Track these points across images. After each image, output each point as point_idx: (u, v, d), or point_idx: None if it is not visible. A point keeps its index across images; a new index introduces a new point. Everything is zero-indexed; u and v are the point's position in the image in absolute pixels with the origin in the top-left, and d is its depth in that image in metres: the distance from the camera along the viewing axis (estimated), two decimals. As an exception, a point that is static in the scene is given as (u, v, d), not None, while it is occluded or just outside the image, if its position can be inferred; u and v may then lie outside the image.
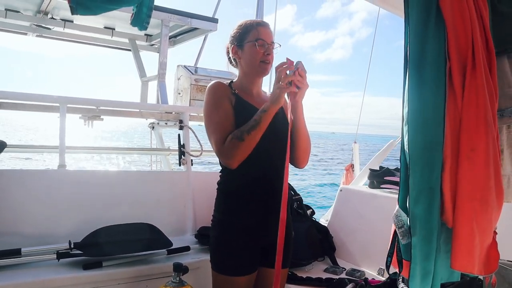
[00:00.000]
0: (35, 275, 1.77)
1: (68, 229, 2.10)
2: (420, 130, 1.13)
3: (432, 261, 1.13)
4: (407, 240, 1.17)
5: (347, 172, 4.19)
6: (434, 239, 1.12)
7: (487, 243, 1.17)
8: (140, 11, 1.52)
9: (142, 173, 2.76)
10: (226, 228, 1.58)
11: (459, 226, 1.10)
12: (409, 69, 1.15)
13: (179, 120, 2.84)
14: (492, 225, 1.17)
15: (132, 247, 2.02)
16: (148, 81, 3.96)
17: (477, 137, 1.09)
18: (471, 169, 1.09)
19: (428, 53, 1.12)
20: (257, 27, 1.58)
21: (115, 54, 61.27)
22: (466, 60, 1.11)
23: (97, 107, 2.68)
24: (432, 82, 1.12)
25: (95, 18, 3.58)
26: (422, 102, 1.13)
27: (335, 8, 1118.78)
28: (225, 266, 1.56)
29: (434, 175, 1.11)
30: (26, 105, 2.43)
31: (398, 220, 1.21)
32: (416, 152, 1.14)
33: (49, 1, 3.08)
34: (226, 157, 1.48)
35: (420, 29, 1.14)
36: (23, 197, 2.09)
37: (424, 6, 1.13)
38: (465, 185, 1.09)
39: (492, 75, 1.15)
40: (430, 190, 1.12)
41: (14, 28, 3.69)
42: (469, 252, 1.11)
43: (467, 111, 1.09)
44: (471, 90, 1.09)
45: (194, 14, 3.40)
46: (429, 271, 1.14)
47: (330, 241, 2.64)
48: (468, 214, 1.10)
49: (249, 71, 1.60)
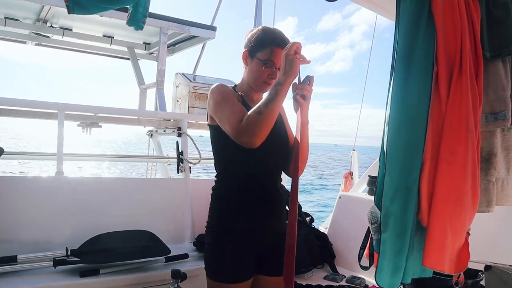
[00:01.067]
0: (32, 283, 1.74)
1: (65, 236, 2.08)
2: (402, 131, 1.16)
3: (403, 257, 1.18)
4: (377, 236, 1.22)
5: (346, 180, 4.19)
6: (407, 236, 1.16)
7: (459, 243, 1.21)
8: (136, 11, 1.52)
9: (141, 180, 2.75)
10: (220, 234, 1.55)
11: (433, 225, 1.14)
12: (395, 70, 1.18)
13: (177, 127, 2.84)
14: (465, 227, 1.21)
15: (130, 254, 2.00)
16: (147, 89, 3.97)
17: (457, 142, 1.12)
18: (449, 172, 1.13)
19: (416, 56, 1.15)
20: (272, 47, 1.51)
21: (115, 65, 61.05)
22: (454, 66, 1.14)
23: (95, 114, 2.68)
24: (418, 85, 1.15)
25: (94, 26, 3.60)
26: (406, 104, 1.16)
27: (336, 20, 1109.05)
28: (220, 273, 1.53)
29: (412, 175, 1.15)
30: (24, 112, 2.42)
31: (372, 216, 1.26)
32: (395, 152, 1.17)
33: (48, 9, 3.09)
34: (247, 134, 1.37)
35: (410, 31, 1.16)
36: (20, 203, 2.07)
37: (416, 9, 1.16)
38: (442, 187, 1.13)
39: (478, 81, 1.18)
40: (407, 190, 1.16)
41: (13, 36, 3.71)
42: (440, 251, 1.15)
43: (450, 116, 1.13)
44: (456, 96, 1.12)
45: (193, 22, 3.42)
46: (400, 266, 1.18)
47: (330, 248, 2.63)
48: (442, 215, 1.14)
49: (251, 83, 1.59)
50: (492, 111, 1.22)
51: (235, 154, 1.53)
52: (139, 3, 1.52)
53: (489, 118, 1.22)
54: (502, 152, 1.29)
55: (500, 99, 1.22)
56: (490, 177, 1.28)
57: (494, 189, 1.29)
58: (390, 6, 2.08)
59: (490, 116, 1.22)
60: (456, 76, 1.12)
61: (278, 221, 1.61)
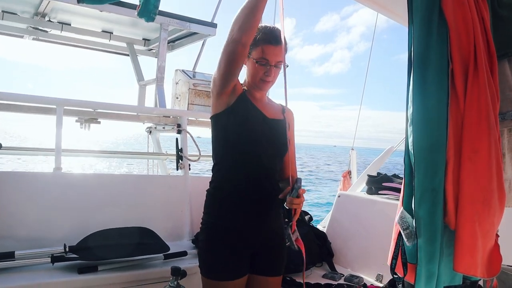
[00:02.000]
0: (29, 279, 1.73)
1: (63, 232, 2.07)
2: (423, 131, 1.13)
3: (436, 263, 1.12)
4: (412, 242, 1.15)
5: (344, 179, 4.19)
6: (438, 240, 1.11)
7: (489, 245, 1.16)
8: (148, 2, 1.48)
9: (139, 177, 2.74)
10: (214, 231, 1.54)
11: (462, 228, 1.10)
12: (413, 70, 1.15)
13: (177, 124, 2.82)
14: (494, 228, 1.17)
15: (128, 251, 1.99)
16: (146, 85, 3.95)
17: (479, 139, 1.09)
18: (473, 171, 1.09)
19: (432, 55, 1.13)
20: (263, 45, 1.51)
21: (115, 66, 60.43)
22: (468, 62, 1.11)
23: (94, 110, 2.66)
24: (435, 84, 1.12)
25: (93, 21, 3.56)
26: (426, 103, 1.13)
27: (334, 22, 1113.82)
28: (213, 270, 1.53)
29: (438, 176, 1.11)
30: (22, 107, 2.40)
31: (403, 221, 1.20)
32: (419, 153, 1.13)
33: (47, 3, 3.06)
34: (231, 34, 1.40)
35: (424, 31, 1.14)
36: (17, 199, 2.06)
37: (427, 9, 1.14)
38: (468, 187, 1.09)
39: (493, 77, 1.16)
40: (433, 192, 1.11)
41: (11, 30, 3.66)
42: (471, 254, 1.10)
43: (469, 113, 1.10)
44: (473, 92, 1.10)
45: (193, 18, 3.40)
46: (433, 273, 1.13)
47: (328, 247, 2.63)
48: (470, 216, 1.09)
49: (250, 81, 1.59)
50: (499, 111, 1.21)
51: (231, 150, 1.53)
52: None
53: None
54: (510, 153, 1.28)
55: (507, 99, 1.21)
56: None
57: None
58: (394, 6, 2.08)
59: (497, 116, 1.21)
60: (472, 73, 1.10)
61: (275, 219, 1.60)
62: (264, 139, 1.54)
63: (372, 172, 3.07)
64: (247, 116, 1.53)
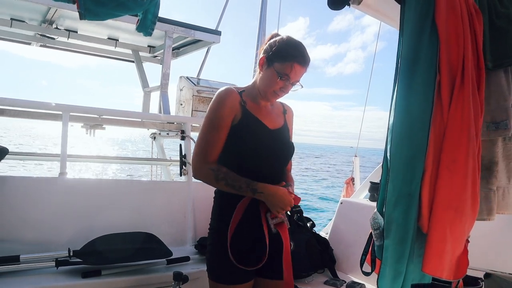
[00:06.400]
0: (34, 283, 1.75)
1: (68, 236, 2.10)
2: (405, 138, 1.18)
3: (404, 263, 1.19)
4: (380, 242, 1.22)
5: (348, 186, 4.19)
6: (408, 242, 1.18)
7: (458, 250, 1.22)
8: (146, 18, 1.55)
9: (143, 183, 2.76)
10: (222, 235, 1.56)
11: (433, 232, 1.15)
12: (399, 79, 1.19)
13: (181, 130, 2.85)
14: (465, 234, 1.22)
15: (132, 256, 2.01)
16: (151, 92, 3.99)
17: (459, 150, 1.14)
18: (450, 180, 1.14)
19: (419, 65, 1.17)
20: (293, 63, 1.48)
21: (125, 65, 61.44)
22: (456, 75, 1.15)
23: (100, 116, 2.70)
24: (421, 93, 1.16)
25: (99, 28, 3.62)
26: (410, 112, 1.18)
27: (348, 21, 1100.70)
28: (221, 274, 1.55)
29: (414, 182, 1.16)
30: (28, 113, 2.44)
31: (375, 222, 1.28)
32: (399, 159, 1.19)
33: (54, 11, 3.12)
34: (195, 173, 1.54)
35: (414, 40, 1.18)
36: (23, 203, 2.09)
37: (420, 19, 1.17)
38: (443, 194, 1.14)
39: (479, 91, 1.20)
40: (409, 196, 1.17)
41: (19, 37, 3.74)
42: (439, 257, 1.16)
43: (452, 124, 1.14)
44: (458, 105, 1.14)
45: (198, 26, 3.44)
46: (400, 272, 1.19)
47: (330, 254, 2.63)
48: (442, 222, 1.15)
49: (261, 89, 1.59)
50: (493, 120, 1.24)
51: (236, 157, 1.54)
52: (148, 10, 1.55)
53: (491, 127, 1.24)
54: (504, 161, 1.30)
55: (501, 109, 1.23)
56: (491, 186, 1.29)
57: (495, 197, 1.30)
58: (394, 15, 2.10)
59: (491, 125, 1.24)
60: (458, 86, 1.13)
61: None
62: (269, 152, 1.56)
63: (375, 179, 3.07)
64: (250, 131, 1.53)
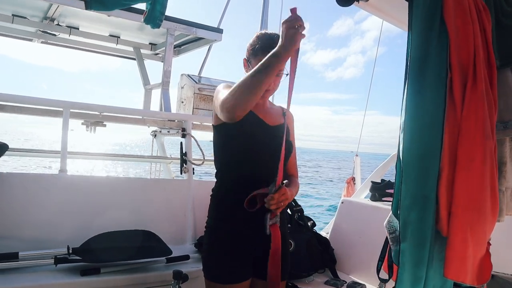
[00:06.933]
0: (32, 280, 1.74)
1: (67, 234, 2.08)
2: (416, 138, 1.14)
3: (423, 268, 1.14)
4: (396, 246, 1.18)
5: (348, 185, 4.19)
6: (427, 246, 1.13)
7: (480, 253, 1.18)
8: (154, 9, 1.51)
9: (143, 180, 2.75)
10: (218, 234, 1.56)
11: (454, 235, 1.11)
12: (409, 78, 1.17)
13: (181, 128, 2.84)
14: (486, 236, 1.18)
15: (131, 254, 1.99)
16: (152, 89, 3.98)
17: (475, 149, 1.10)
18: (468, 179, 1.10)
19: (430, 63, 1.14)
20: (261, 56, 1.42)
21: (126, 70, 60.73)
22: (468, 73, 1.13)
23: (100, 113, 2.68)
24: (432, 92, 1.13)
25: (101, 25, 3.61)
26: (421, 111, 1.15)
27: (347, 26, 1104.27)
28: (217, 273, 1.54)
29: (429, 183, 1.12)
30: (29, 109, 2.43)
31: (390, 226, 1.24)
32: (411, 160, 1.15)
33: (56, 7, 3.10)
34: (228, 104, 1.31)
35: (423, 39, 1.15)
36: (22, 200, 2.07)
37: (428, 17, 1.15)
38: (462, 195, 1.11)
39: (492, 88, 1.17)
40: (424, 198, 1.13)
41: (20, 34, 3.72)
42: (462, 261, 1.12)
43: (467, 122, 1.11)
44: (471, 103, 1.11)
45: (200, 24, 3.43)
46: (420, 277, 1.14)
47: (331, 253, 2.61)
48: (463, 224, 1.11)
49: None
50: (501, 120, 1.21)
51: (233, 155, 1.54)
52: (157, 0, 1.51)
53: (499, 127, 1.21)
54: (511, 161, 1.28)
55: (509, 108, 1.21)
56: (500, 186, 1.26)
57: (504, 198, 1.28)
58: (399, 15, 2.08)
59: (499, 125, 1.21)
60: (471, 83, 1.11)
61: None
62: (266, 148, 1.55)
63: (376, 179, 3.06)
64: (248, 126, 1.53)
